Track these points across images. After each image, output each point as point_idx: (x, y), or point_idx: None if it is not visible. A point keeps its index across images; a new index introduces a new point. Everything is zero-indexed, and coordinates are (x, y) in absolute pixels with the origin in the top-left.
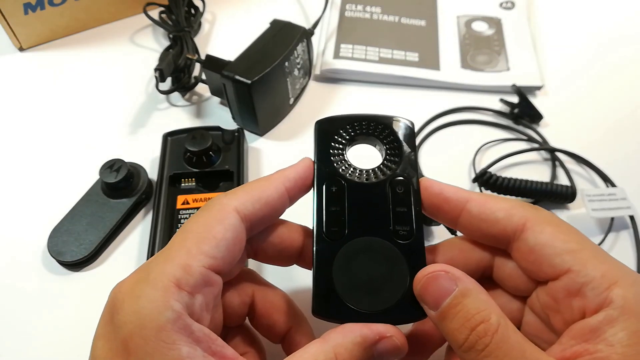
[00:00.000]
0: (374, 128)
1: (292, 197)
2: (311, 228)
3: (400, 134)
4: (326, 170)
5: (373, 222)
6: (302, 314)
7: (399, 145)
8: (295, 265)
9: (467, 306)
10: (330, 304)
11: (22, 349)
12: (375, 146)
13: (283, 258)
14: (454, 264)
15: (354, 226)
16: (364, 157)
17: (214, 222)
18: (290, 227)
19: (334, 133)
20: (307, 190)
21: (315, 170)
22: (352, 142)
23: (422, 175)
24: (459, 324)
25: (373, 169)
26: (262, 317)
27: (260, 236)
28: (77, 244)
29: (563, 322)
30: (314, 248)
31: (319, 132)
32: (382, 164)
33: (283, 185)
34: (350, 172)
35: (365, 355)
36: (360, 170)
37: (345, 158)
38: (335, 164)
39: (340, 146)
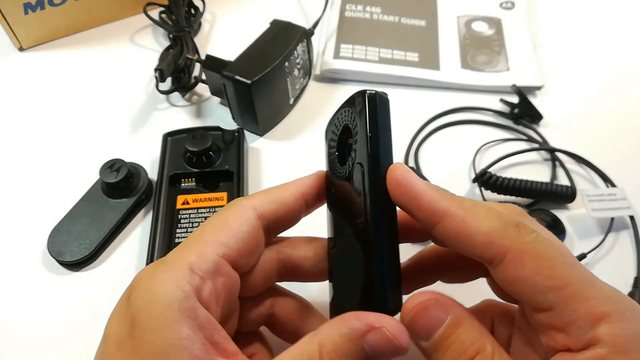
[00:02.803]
0: (347, 115)
1: (309, 202)
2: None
3: (357, 112)
4: (327, 177)
5: (344, 221)
6: (324, 319)
7: (357, 124)
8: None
9: (460, 337)
10: (332, 311)
11: (22, 349)
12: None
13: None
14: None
15: (336, 229)
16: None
17: (231, 216)
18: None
19: (328, 136)
20: (322, 201)
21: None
22: (339, 138)
23: (388, 160)
24: (454, 356)
25: (346, 163)
26: (284, 325)
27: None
28: (77, 244)
29: (548, 347)
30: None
31: (325, 138)
32: (350, 153)
33: (298, 190)
34: (336, 173)
35: (353, 349)
36: (338, 168)
37: (336, 158)
38: (329, 169)
39: (332, 148)
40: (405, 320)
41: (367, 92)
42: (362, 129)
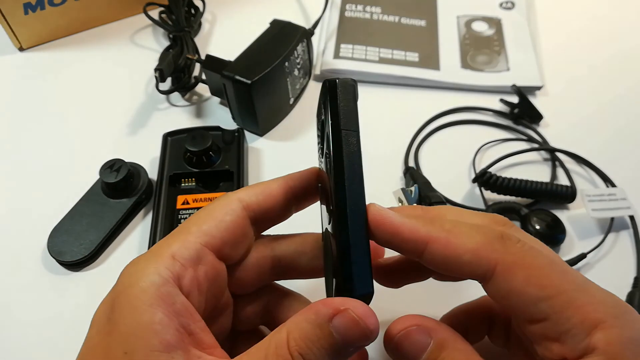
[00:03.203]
0: (320, 107)
1: (297, 196)
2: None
3: (323, 101)
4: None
5: (326, 212)
6: None
7: (324, 114)
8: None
9: None
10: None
11: (22, 349)
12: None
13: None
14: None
15: (323, 222)
16: None
17: (216, 207)
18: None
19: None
20: (313, 196)
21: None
22: (322, 133)
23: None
24: None
25: (324, 155)
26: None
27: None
28: (77, 244)
29: (543, 356)
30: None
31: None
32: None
33: (286, 183)
34: (320, 166)
35: (320, 334)
36: (321, 160)
37: (319, 151)
38: (319, 166)
39: (319, 141)
40: (390, 347)
41: (327, 80)
42: (326, 118)
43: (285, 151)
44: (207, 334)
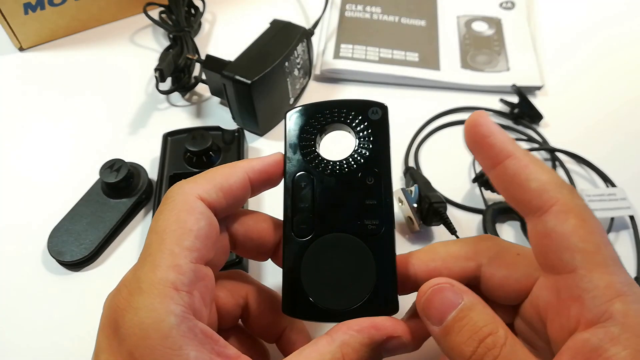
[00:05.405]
0: (345, 115)
1: (255, 188)
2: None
3: (372, 120)
4: (295, 165)
5: (341, 217)
6: None
7: (370, 133)
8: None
9: (473, 319)
10: (299, 304)
11: (22, 349)
12: (349, 133)
13: (260, 253)
14: (436, 274)
15: (322, 223)
16: (339, 145)
17: (184, 214)
18: (268, 222)
19: (304, 124)
20: (273, 185)
21: (285, 166)
22: (322, 131)
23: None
24: (466, 337)
25: (343, 160)
26: (256, 318)
27: (241, 229)
28: (77, 244)
29: (559, 328)
30: (283, 247)
31: (289, 124)
32: (353, 153)
33: (247, 175)
34: (320, 165)
35: (373, 354)
36: (330, 163)
37: (316, 150)
38: (304, 158)
39: (312, 137)
40: (420, 301)
41: (383, 106)
42: (381, 140)
43: None
44: (229, 347)
